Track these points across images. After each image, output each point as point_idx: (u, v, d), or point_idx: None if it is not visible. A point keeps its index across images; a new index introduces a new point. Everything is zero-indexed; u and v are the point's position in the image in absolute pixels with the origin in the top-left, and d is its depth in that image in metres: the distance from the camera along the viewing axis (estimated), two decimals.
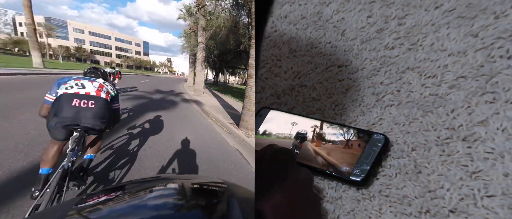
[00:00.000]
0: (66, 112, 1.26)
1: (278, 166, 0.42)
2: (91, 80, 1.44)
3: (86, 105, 1.30)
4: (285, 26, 0.68)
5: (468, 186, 0.43)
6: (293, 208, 0.38)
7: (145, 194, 0.47)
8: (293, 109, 0.61)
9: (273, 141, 0.56)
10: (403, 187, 0.46)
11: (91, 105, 1.31)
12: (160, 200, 0.45)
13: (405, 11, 0.59)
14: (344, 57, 0.61)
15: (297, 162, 0.46)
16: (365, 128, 0.54)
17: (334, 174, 0.50)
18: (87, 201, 0.44)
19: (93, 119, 1.31)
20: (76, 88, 1.34)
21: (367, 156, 0.49)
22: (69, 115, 1.26)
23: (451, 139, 0.47)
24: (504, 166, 0.42)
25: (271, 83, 0.65)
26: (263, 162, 0.42)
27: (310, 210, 0.42)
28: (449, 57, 0.52)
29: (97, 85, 1.42)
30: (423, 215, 0.43)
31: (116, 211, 0.40)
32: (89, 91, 1.35)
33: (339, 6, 0.65)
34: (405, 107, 0.52)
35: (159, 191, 0.50)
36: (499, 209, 0.40)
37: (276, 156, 0.43)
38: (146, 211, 0.38)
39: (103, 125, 1.36)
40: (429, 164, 0.46)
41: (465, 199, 0.42)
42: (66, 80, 1.39)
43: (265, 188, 0.39)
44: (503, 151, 0.43)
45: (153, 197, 0.47)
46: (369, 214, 0.46)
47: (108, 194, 0.47)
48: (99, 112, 1.33)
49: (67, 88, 1.33)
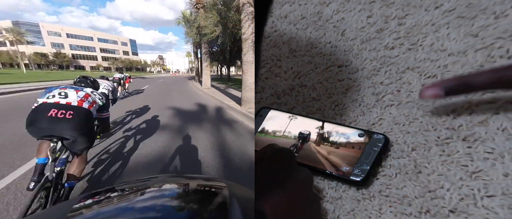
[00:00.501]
0: (40, 123, 1.22)
1: (278, 166, 0.42)
2: (77, 90, 1.40)
3: (63, 116, 1.25)
4: (285, 26, 0.68)
5: (468, 186, 0.43)
6: (292, 208, 0.38)
7: (144, 194, 0.47)
8: (293, 109, 0.61)
9: (273, 141, 0.56)
10: (403, 187, 0.46)
11: (69, 115, 1.26)
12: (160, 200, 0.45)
13: (405, 11, 0.59)
14: (344, 57, 0.61)
15: (297, 162, 0.45)
16: (365, 128, 0.54)
17: (334, 174, 0.50)
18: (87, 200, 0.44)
19: (70, 130, 1.26)
20: (58, 98, 1.31)
21: (367, 156, 0.49)
22: (43, 126, 1.22)
23: (451, 139, 0.47)
24: (504, 166, 0.42)
25: (271, 83, 0.65)
26: (263, 162, 0.42)
27: (310, 209, 0.42)
28: (449, 57, 0.52)
29: (82, 94, 1.39)
30: (423, 215, 0.43)
31: (116, 211, 0.40)
32: (70, 101, 1.32)
33: (339, 6, 0.65)
34: (405, 107, 0.52)
35: (159, 191, 0.50)
36: (499, 209, 0.40)
37: (276, 156, 0.43)
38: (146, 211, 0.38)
39: (79, 136, 1.30)
40: (429, 164, 0.46)
41: (465, 199, 0.42)
42: (53, 89, 1.37)
43: (265, 188, 0.38)
44: (503, 151, 0.43)
45: (152, 197, 0.47)
46: (369, 214, 0.46)
47: (108, 193, 0.47)
48: (77, 123, 1.28)
49: (48, 97, 1.32)
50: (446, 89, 0.44)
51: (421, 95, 0.46)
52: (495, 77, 0.41)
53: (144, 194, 0.47)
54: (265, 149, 0.44)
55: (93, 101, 1.44)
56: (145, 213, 0.37)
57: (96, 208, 0.41)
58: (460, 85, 0.43)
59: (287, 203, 0.38)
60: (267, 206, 0.36)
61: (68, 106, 1.29)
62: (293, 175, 0.41)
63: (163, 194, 0.48)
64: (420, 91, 0.47)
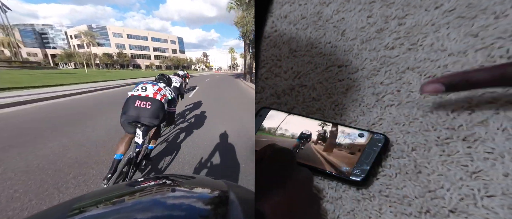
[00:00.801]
0: (130, 111, 1.58)
1: (278, 166, 0.42)
2: (153, 84, 1.75)
3: (144, 106, 1.59)
4: (285, 26, 0.68)
5: (468, 186, 0.43)
6: (293, 207, 0.38)
7: (144, 194, 0.47)
8: (293, 109, 0.61)
9: (273, 141, 0.56)
10: (403, 187, 0.46)
11: (148, 105, 1.60)
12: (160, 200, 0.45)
13: (405, 11, 0.59)
14: (344, 57, 0.61)
15: (297, 162, 0.45)
16: (365, 128, 0.54)
17: (334, 174, 0.50)
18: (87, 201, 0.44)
19: (150, 117, 1.60)
20: (140, 91, 1.66)
21: (367, 156, 0.49)
22: (132, 114, 1.57)
23: (451, 139, 0.47)
24: (504, 166, 0.42)
25: (271, 83, 0.65)
26: (263, 162, 0.42)
27: (310, 209, 0.42)
28: (449, 57, 0.52)
29: (156, 88, 1.72)
30: (423, 215, 0.43)
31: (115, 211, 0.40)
32: (148, 94, 1.66)
33: (339, 6, 0.65)
34: (405, 107, 0.52)
35: (159, 191, 0.50)
36: (499, 209, 0.40)
37: (276, 156, 0.43)
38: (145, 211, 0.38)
39: (157, 122, 1.65)
40: (429, 164, 0.46)
41: (465, 199, 0.42)
42: (139, 84, 1.73)
43: (265, 188, 0.38)
44: (503, 151, 0.43)
45: (152, 197, 0.47)
46: (369, 214, 0.46)
47: (109, 193, 0.47)
48: (154, 112, 1.61)
49: (134, 90, 1.67)
50: (447, 85, 0.44)
51: (422, 91, 0.46)
52: (497, 74, 0.41)
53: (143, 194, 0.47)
54: (265, 149, 0.44)
55: (164, 94, 1.77)
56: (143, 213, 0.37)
57: (95, 208, 0.41)
58: (461, 81, 0.43)
59: (287, 203, 0.38)
60: (267, 206, 0.36)
61: (147, 98, 1.63)
62: (293, 175, 0.41)
63: (162, 194, 0.48)
64: (421, 86, 0.47)
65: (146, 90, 1.67)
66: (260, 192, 0.38)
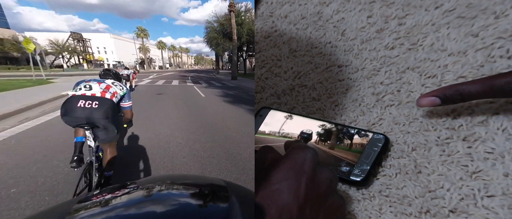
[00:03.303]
0: (73, 113, 1.39)
1: (297, 164, 0.38)
2: (99, 82, 1.55)
3: (90, 106, 1.41)
4: (285, 26, 0.68)
5: (468, 186, 0.43)
6: (303, 212, 0.35)
7: (144, 194, 0.47)
8: (293, 109, 0.61)
9: (273, 141, 0.56)
10: (403, 187, 0.46)
11: (95, 105, 1.42)
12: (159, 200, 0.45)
13: (405, 11, 0.59)
14: (344, 57, 0.61)
15: None
16: (365, 128, 0.54)
17: None
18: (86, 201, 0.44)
19: (97, 118, 1.42)
20: (84, 90, 1.47)
21: (367, 156, 0.49)
22: (77, 115, 1.40)
23: (451, 139, 0.47)
24: (504, 166, 0.42)
25: (271, 83, 0.65)
26: (284, 157, 0.39)
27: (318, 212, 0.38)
28: (449, 57, 0.52)
29: (104, 86, 1.53)
30: (423, 215, 0.43)
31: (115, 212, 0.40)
32: (94, 92, 1.47)
33: (339, 6, 0.65)
34: (405, 107, 0.52)
35: (159, 191, 0.50)
36: (499, 209, 0.40)
37: (297, 153, 0.40)
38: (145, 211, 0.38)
39: (108, 124, 1.48)
40: (429, 164, 0.46)
41: (465, 199, 0.42)
42: (80, 82, 1.54)
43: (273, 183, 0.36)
44: (503, 151, 0.43)
45: (152, 197, 0.47)
46: (369, 214, 0.46)
47: (108, 194, 0.47)
48: (104, 112, 1.44)
49: (76, 90, 1.48)
50: (442, 98, 0.45)
51: (418, 104, 0.47)
52: (486, 86, 0.42)
53: (143, 194, 0.47)
54: (290, 143, 0.42)
55: (115, 91, 1.58)
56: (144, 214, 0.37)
57: (95, 209, 0.41)
58: (455, 93, 0.44)
59: (298, 207, 0.36)
60: (274, 208, 0.34)
61: (93, 97, 1.45)
62: (315, 178, 0.38)
63: (162, 194, 0.48)
64: (416, 100, 0.48)
65: (91, 88, 1.48)
66: (263, 191, 0.37)
